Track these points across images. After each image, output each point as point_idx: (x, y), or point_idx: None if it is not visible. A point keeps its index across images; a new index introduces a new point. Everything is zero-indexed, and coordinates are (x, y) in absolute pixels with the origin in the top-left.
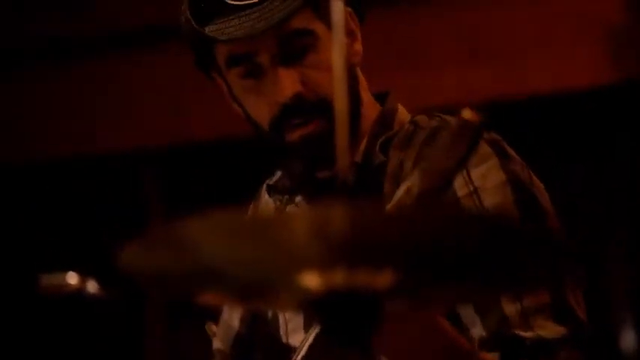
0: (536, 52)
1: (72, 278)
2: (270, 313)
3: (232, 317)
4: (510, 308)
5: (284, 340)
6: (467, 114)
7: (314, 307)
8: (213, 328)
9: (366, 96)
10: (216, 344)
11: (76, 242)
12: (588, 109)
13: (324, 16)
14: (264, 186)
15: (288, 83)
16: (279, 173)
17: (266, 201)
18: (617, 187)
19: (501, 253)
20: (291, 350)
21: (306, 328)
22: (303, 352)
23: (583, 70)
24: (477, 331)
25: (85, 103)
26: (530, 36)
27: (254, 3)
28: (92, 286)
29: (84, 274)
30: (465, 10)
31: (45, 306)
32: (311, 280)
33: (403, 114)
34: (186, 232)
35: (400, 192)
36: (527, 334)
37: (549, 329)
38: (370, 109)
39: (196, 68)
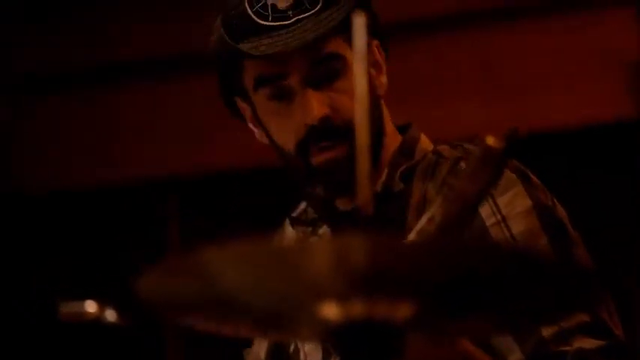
0: (558, 87)
1: (91, 306)
2: (292, 346)
3: (260, 349)
4: (548, 330)
5: None
6: (490, 140)
7: (333, 339)
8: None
9: (390, 127)
10: None
11: (95, 270)
12: (611, 143)
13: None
14: (287, 218)
15: (317, 105)
16: (302, 205)
17: (289, 233)
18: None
19: (524, 283)
20: None
21: None
22: None
23: (606, 106)
24: (516, 357)
25: (106, 131)
26: (553, 70)
27: (287, 25)
28: (111, 315)
29: (103, 303)
30: (486, 43)
31: (64, 334)
32: (330, 311)
33: (425, 143)
34: (205, 261)
35: (423, 221)
36: (567, 348)
37: (589, 342)
38: (392, 140)
39: (219, 95)
